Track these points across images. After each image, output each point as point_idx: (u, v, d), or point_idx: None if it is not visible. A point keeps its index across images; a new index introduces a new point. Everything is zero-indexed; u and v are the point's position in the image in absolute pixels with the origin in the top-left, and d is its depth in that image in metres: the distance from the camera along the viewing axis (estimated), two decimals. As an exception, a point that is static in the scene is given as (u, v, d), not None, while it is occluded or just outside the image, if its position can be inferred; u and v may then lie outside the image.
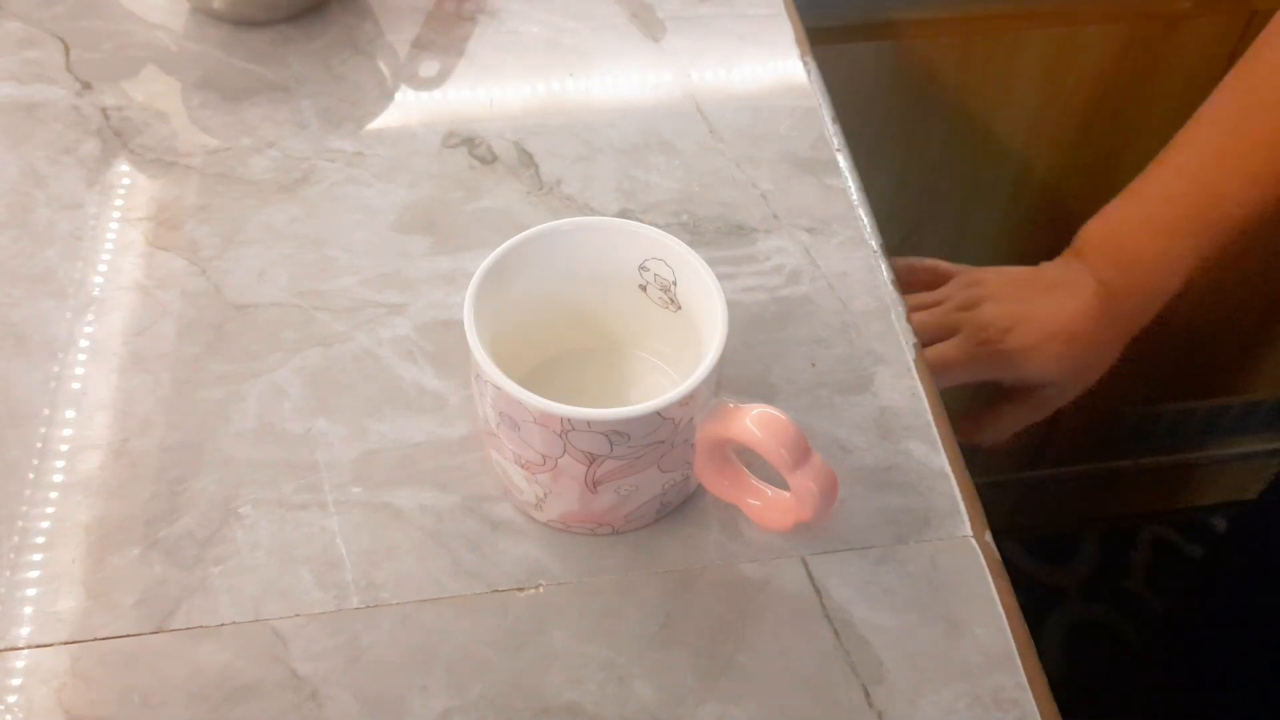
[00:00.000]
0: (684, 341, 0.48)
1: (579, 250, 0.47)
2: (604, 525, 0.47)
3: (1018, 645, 0.45)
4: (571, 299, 0.49)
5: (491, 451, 0.47)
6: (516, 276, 0.46)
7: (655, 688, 0.44)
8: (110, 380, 0.52)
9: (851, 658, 0.44)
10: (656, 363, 0.51)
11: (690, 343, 0.47)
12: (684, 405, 0.42)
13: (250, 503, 0.48)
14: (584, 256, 0.48)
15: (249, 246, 0.57)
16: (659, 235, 0.46)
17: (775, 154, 0.62)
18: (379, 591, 0.46)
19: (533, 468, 0.44)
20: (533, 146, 0.62)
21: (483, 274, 0.44)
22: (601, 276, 0.48)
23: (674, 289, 0.47)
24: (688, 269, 0.46)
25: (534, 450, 0.43)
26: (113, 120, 0.63)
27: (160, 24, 0.68)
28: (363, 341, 0.53)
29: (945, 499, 0.49)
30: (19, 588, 0.45)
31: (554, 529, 0.47)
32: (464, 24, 0.69)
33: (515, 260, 0.46)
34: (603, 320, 0.50)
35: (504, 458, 0.45)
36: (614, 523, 0.47)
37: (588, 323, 0.50)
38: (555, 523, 0.47)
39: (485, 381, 0.42)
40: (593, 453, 0.42)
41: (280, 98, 0.64)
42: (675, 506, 0.48)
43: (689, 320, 0.47)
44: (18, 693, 0.43)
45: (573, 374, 0.50)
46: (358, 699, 0.43)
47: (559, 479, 0.44)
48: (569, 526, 0.47)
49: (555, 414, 0.41)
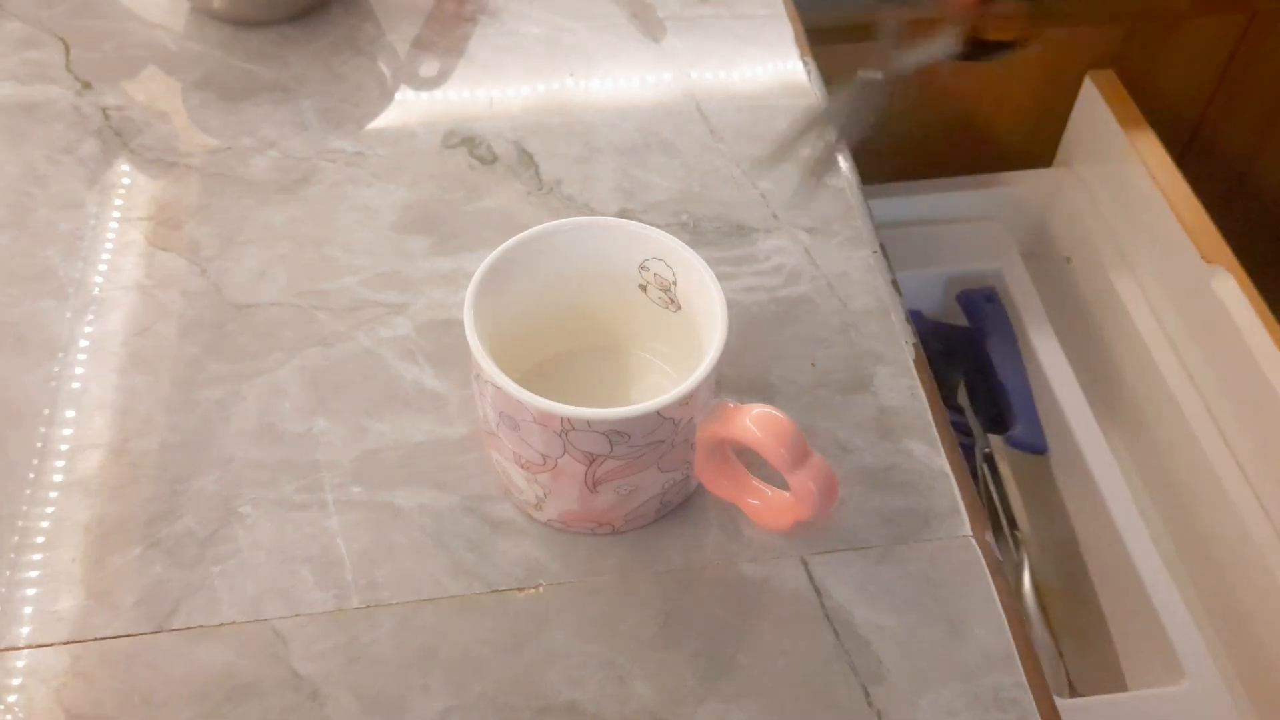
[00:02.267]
0: (684, 341, 0.48)
1: (579, 250, 0.47)
2: (604, 525, 0.47)
3: (1018, 645, 0.45)
4: (571, 299, 0.49)
5: (491, 451, 0.47)
6: (516, 276, 0.46)
7: (655, 688, 0.44)
8: (110, 380, 0.52)
9: (851, 658, 0.44)
10: (656, 362, 0.51)
11: (690, 342, 0.47)
12: (684, 405, 0.42)
13: (250, 502, 0.48)
14: (584, 256, 0.48)
15: (249, 246, 0.57)
16: (659, 235, 0.46)
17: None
18: (379, 591, 0.46)
19: (533, 467, 0.44)
20: (533, 146, 0.62)
21: (482, 274, 0.44)
22: (601, 276, 0.48)
23: (674, 289, 0.47)
24: (688, 269, 0.46)
25: (534, 450, 0.43)
26: (113, 120, 0.63)
27: (160, 24, 0.68)
28: (363, 341, 0.53)
29: (945, 499, 0.49)
30: (19, 588, 0.45)
31: (554, 528, 0.47)
32: (464, 24, 0.69)
33: (515, 260, 0.46)
34: (602, 320, 0.50)
35: (504, 457, 0.45)
36: (614, 522, 0.47)
37: (587, 322, 0.50)
38: (555, 522, 0.47)
39: (485, 381, 0.42)
40: (593, 452, 0.42)
41: (280, 98, 0.64)
42: (675, 506, 0.48)
43: (689, 320, 0.47)
44: (18, 693, 0.43)
45: (573, 373, 0.50)
46: (358, 698, 0.43)
47: (559, 479, 0.44)
48: (569, 526, 0.47)
49: (555, 414, 0.41)
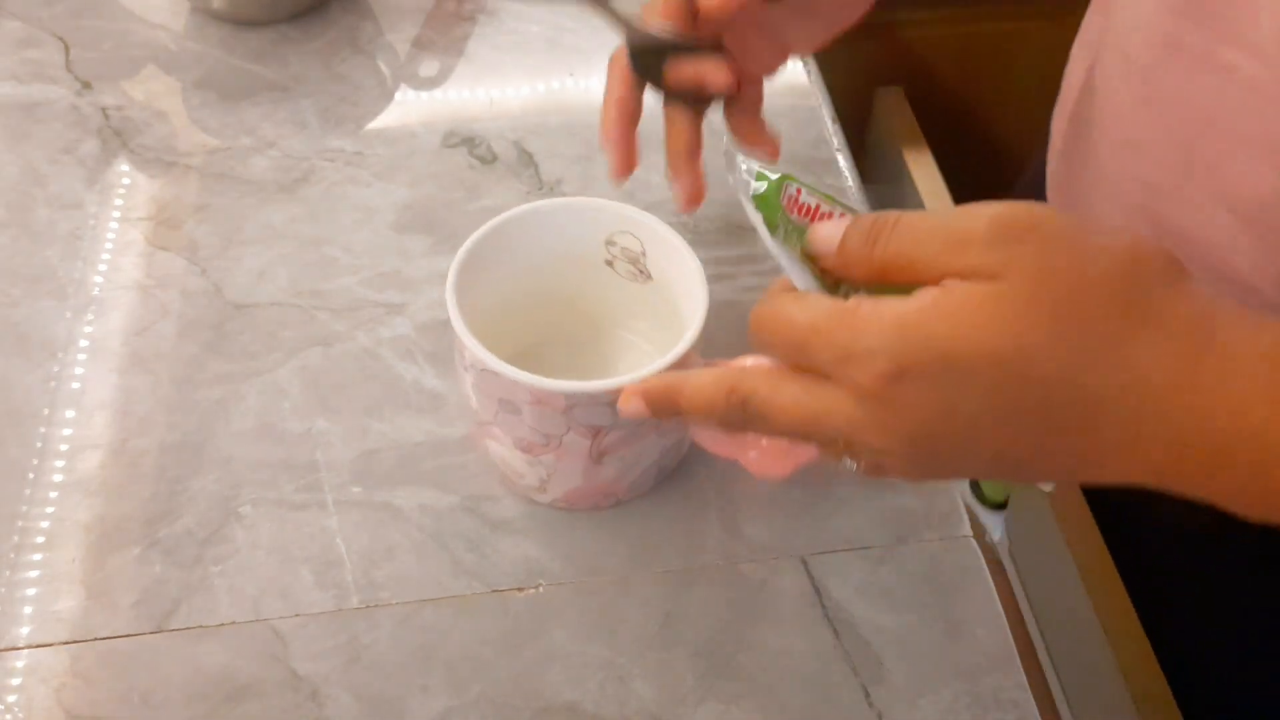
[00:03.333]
0: (660, 312, 0.48)
1: (545, 233, 0.48)
2: (608, 497, 0.47)
3: (1018, 645, 0.45)
4: (544, 283, 0.50)
5: (488, 442, 0.47)
6: (488, 268, 0.47)
7: (655, 688, 0.44)
8: (110, 380, 0.52)
9: (851, 658, 0.44)
10: (635, 340, 0.52)
11: (667, 312, 0.47)
12: (682, 364, 0.43)
13: (250, 502, 0.48)
14: (550, 239, 0.48)
15: (249, 246, 0.57)
16: (622, 208, 0.47)
17: (775, 154, 0.62)
18: (379, 591, 0.46)
19: (536, 450, 0.44)
20: (533, 146, 0.62)
21: (458, 267, 0.45)
22: (570, 257, 0.49)
23: (643, 260, 0.48)
24: (655, 237, 0.46)
25: (537, 431, 0.43)
26: (113, 120, 0.63)
27: (160, 24, 0.68)
28: (363, 341, 0.53)
29: (945, 499, 0.49)
30: (19, 588, 0.45)
31: (558, 509, 0.48)
32: (464, 24, 0.69)
33: (485, 252, 0.46)
34: (577, 302, 0.51)
35: (503, 445, 0.45)
36: (618, 493, 0.47)
37: (563, 306, 0.51)
38: (560, 502, 0.47)
39: (485, 372, 0.42)
40: (597, 425, 0.43)
41: (280, 98, 0.64)
42: (671, 471, 0.49)
43: (663, 288, 0.48)
44: (18, 692, 0.43)
45: (554, 359, 0.50)
46: (358, 699, 0.43)
47: (563, 457, 0.44)
48: (574, 504, 0.47)
49: (559, 391, 0.41)
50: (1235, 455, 0.30)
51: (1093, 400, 0.30)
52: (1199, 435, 0.31)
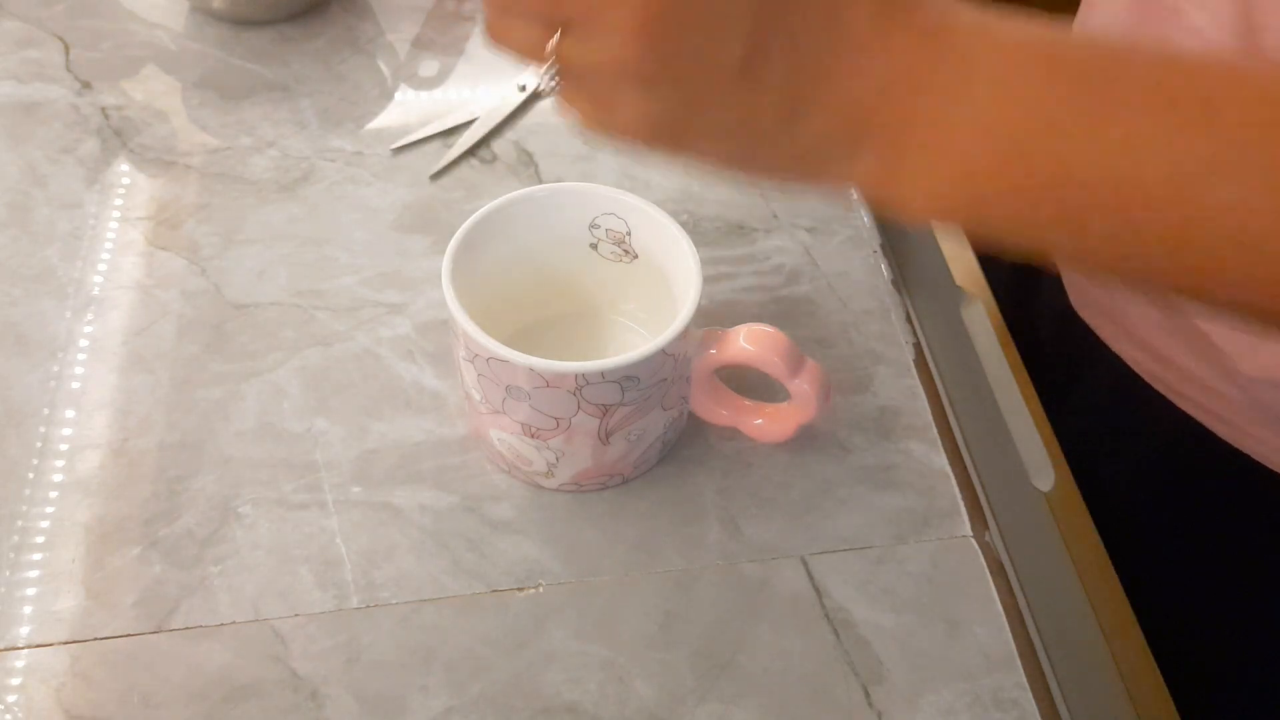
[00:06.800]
0: (648, 292, 0.48)
1: (532, 220, 0.48)
2: (615, 475, 0.48)
3: (1018, 645, 0.45)
4: (532, 270, 0.50)
5: (492, 432, 0.47)
6: (479, 258, 0.47)
7: (655, 688, 0.44)
8: (110, 380, 0.52)
9: (851, 658, 0.44)
10: (625, 322, 0.52)
11: (655, 291, 0.48)
12: (683, 338, 0.43)
13: (250, 502, 0.48)
14: (538, 225, 0.48)
15: (249, 246, 0.57)
16: (605, 190, 0.47)
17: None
18: (379, 591, 0.46)
19: (544, 434, 0.45)
20: (533, 146, 0.62)
21: (449, 264, 0.45)
22: (557, 243, 0.49)
23: (629, 240, 0.48)
24: (639, 214, 0.47)
25: (546, 415, 0.44)
26: (113, 120, 0.63)
27: (160, 23, 0.68)
28: (362, 341, 0.53)
29: (945, 499, 0.49)
30: (19, 587, 0.45)
31: (566, 492, 0.48)
32: (464, 23, 0.69)
33: (475, 242, 0.46)
34: (566, 288, 0.51)
35: (508, 434, 0.46)
36: (624, 471, 0.48)
37: (552, 291, 0.51)
38: (568, 485, 0.48)
39: (491, 360, 0.42)
40: (606, 403, 0.43)
41: (280, 97, 0.64)
42: (673, 445, 0.50)
43: (649, 267, 0.48)
44: (18, 692, 0.43)
45: (548, 343, 0.51)
46: (357, 699, 0.43)
47: (572, 439, 0.45)
48: (582, 486, 0.48)
49: (570, 372, 0.42)
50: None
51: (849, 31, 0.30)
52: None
